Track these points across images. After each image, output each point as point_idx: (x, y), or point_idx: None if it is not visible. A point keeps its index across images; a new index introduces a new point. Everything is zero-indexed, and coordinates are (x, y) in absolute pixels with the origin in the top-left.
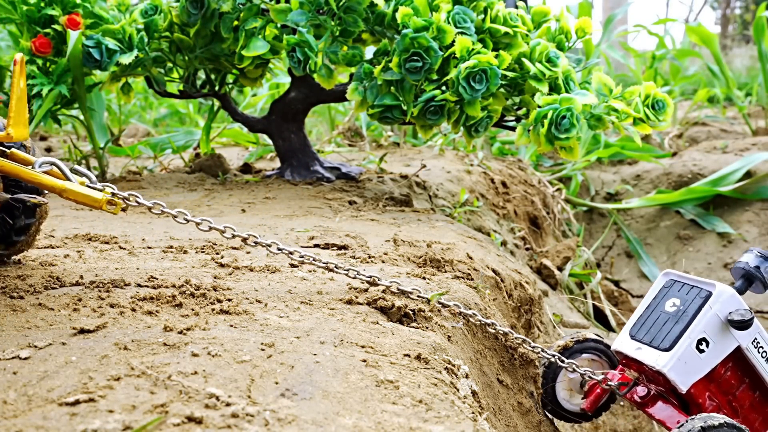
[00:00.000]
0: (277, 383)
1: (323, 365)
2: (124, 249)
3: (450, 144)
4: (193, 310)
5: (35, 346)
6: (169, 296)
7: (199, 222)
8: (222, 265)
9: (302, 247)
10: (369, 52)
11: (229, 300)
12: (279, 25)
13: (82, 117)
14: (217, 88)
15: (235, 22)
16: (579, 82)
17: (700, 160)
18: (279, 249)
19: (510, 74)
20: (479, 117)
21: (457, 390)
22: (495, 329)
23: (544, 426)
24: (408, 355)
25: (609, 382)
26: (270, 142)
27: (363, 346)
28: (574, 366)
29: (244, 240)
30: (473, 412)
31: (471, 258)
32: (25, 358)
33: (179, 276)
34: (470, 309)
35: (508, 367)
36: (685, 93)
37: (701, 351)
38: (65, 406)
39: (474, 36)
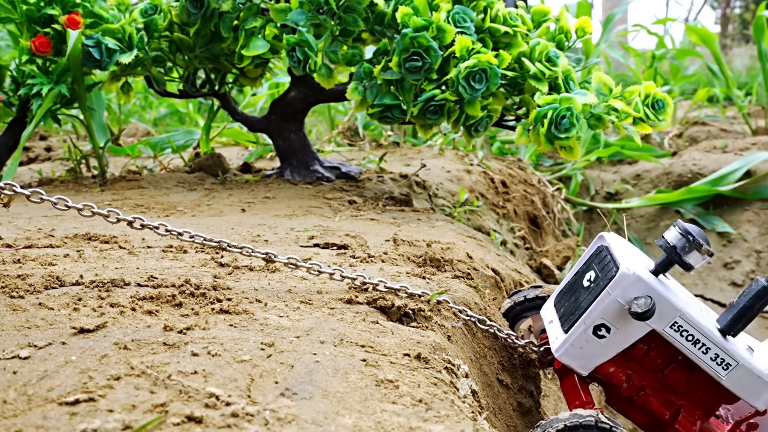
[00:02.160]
0: (276, 383)
1: (323, 365)
2: (124, 248)
3: (450, 143)
4: (192, 309)
5: (35, 346)
6: (169, 296)
7: (81, 208)
8: (222, 265)
9: (302, 246)
10: (369, 51)
11: (229, 299)
12: (279, 25)
13: (81, 116)
14: (216, 87)
15: (235, 22)
16: (579, 81)
17: (699, 159)
18: (167, 231)
19: (510, 74)
20: (479, 116)
21: (457, 390)
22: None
23: None
24: (408, 355)
25: (533, 348)
26: (270, 141)
27: (363, 346)
28: (513, 338)
29: (130, 224)
30: (473, 412)
31: (471, 257)
32: (25, 358)
33: (179, 275)
34: (469, 308)
35: (508, 367)
36: (684, 92)
37: (601, 336)
38: (65, 406)
39: (474, 35)
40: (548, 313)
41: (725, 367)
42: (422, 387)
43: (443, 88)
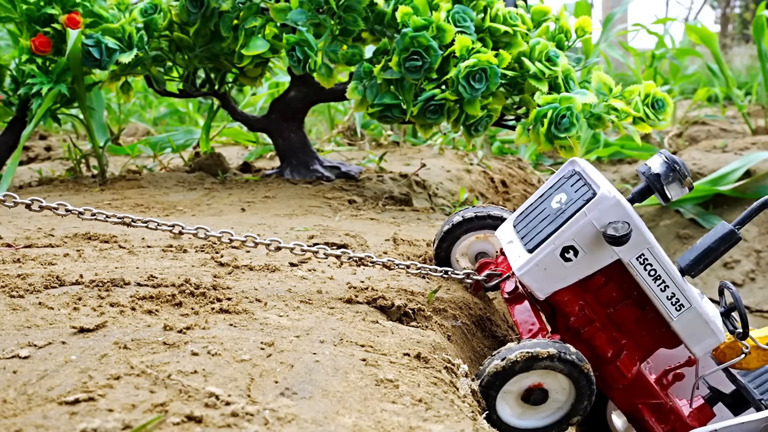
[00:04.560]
0: (276, 382)
1: (323, 364)
2: (124, 248)
3: (450, 143)
4: (192, 309)
5: (35, 345)
6: (168, 295)
7: (30, 203)
8: (222, 264)
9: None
10: (369, 51)
11: (229, 299)
12: (279, 24)
13: (81, 116)
14: (216, 87)
15: (235, 21)
16: (579, 81)
17: (699, 159)
18: (106, 217)
19: (510, 73)
20: (479, 116)
21: (457, 389)
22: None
23: None
24: (407, 354)
25: (474, 276)
26: (270, 141)
27: (363, 345)
28: (449, 272)
29: (80, 215)
30: (473, 411)
31: None
32: (25, 357)
33: (179, 275)
34: (469, 308)
35: None
36: (684, 92)
37: (567, 260)
38: (65, 405)
39: (474, 35)
40: (506, 233)
41: (678, 308)
42: (422, 386)
43: (443, 87)
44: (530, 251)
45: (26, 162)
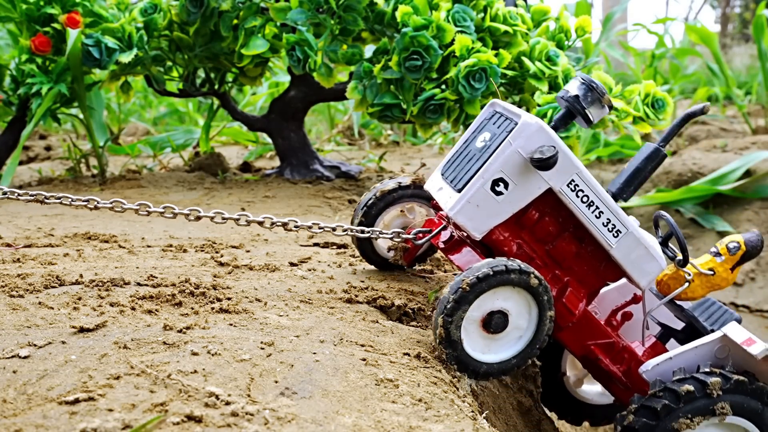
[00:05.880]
0: (276, 382)
1: (323, 364)
2: (124, 248)
3: (450, 142)
4: (192, 308)
5: (35, 345)
6: (168, 295)
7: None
8: (221, 264)
9: (302, 246)
10: (369, 50)
11: (229, 299)
12: (278, 24)
13: (81, 116)
14: (216, 86)
15: (235, 21)
16: None
17: (699, 158)
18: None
19: (510, 73)
20: None
21: (457, 389)
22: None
23: (544, 425)
24: (408, 354)
25: (402, 234)
26: (269, 140)
27: (363, 345)
28: (377, 233)
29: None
30: (473, 411)
31: None
32: (25, 357)
33: (179, 275)
34: None
35: None
36: (684, 92)
37: (498, 193)
38: (65, 405)
39: (474, 35)
40: (435, 183)
41: (615, 234)
42: (422, 386)
43: (443, 87)
44: (460, 191)
45: (26, 162)
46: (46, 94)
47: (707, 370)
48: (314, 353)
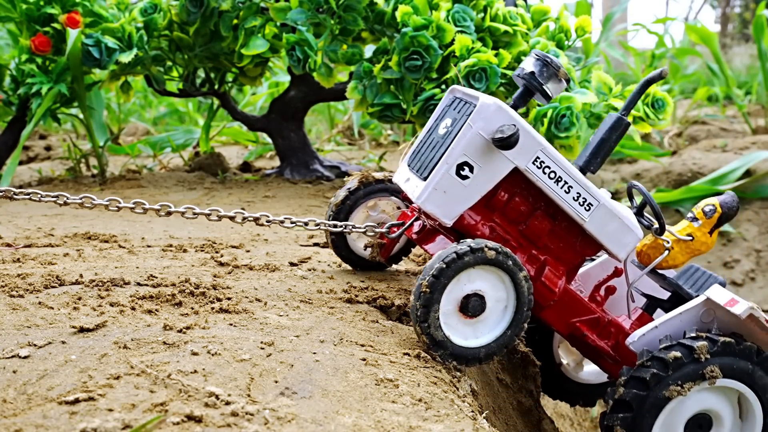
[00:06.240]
0: (276, 382)
1: (323, 364)
2: (124, 248)
3: None
4: (192, 308)
5: (35, 345)
6: (168, 295)
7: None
8: (221, 264)
9: (302, 246)
10: (368, 50)
11: (229, 299)
12: (278, 24)
13: (81, 116)
14: (216, 86)
15: (235, 21)
16: (579, 80)
17: (699, 158)
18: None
19: (510, 73)
20: None
21: (457, 389)
22: None
23: (544, 425)
24: (408, 354)
25: (375, 229)
26: (269, 140)
27: (362, 345)
28: (350, 227)
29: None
30: (473, 411)
31: None
32: (25, 357)
33: (179, 275)
34: None
35: (508, 367)
36: (684, 92)
37: (464, 177)
38: (65, 405)
39: (474, 34)
40: (402, 174)
41: (587, 208)
42: (422, 386)
43: (443, 87)
44: (426, 179)
45: (26, 161)
46: (46, 94)
47: (693, 335)
48: (314, 353)
